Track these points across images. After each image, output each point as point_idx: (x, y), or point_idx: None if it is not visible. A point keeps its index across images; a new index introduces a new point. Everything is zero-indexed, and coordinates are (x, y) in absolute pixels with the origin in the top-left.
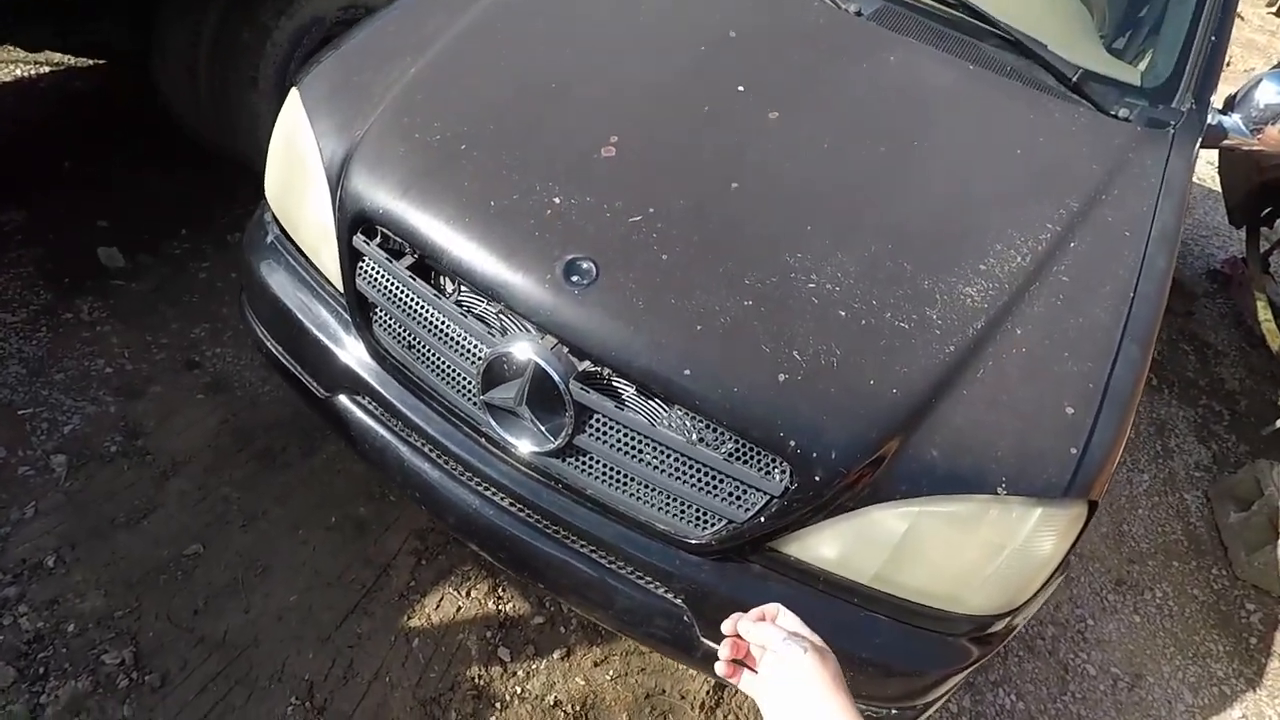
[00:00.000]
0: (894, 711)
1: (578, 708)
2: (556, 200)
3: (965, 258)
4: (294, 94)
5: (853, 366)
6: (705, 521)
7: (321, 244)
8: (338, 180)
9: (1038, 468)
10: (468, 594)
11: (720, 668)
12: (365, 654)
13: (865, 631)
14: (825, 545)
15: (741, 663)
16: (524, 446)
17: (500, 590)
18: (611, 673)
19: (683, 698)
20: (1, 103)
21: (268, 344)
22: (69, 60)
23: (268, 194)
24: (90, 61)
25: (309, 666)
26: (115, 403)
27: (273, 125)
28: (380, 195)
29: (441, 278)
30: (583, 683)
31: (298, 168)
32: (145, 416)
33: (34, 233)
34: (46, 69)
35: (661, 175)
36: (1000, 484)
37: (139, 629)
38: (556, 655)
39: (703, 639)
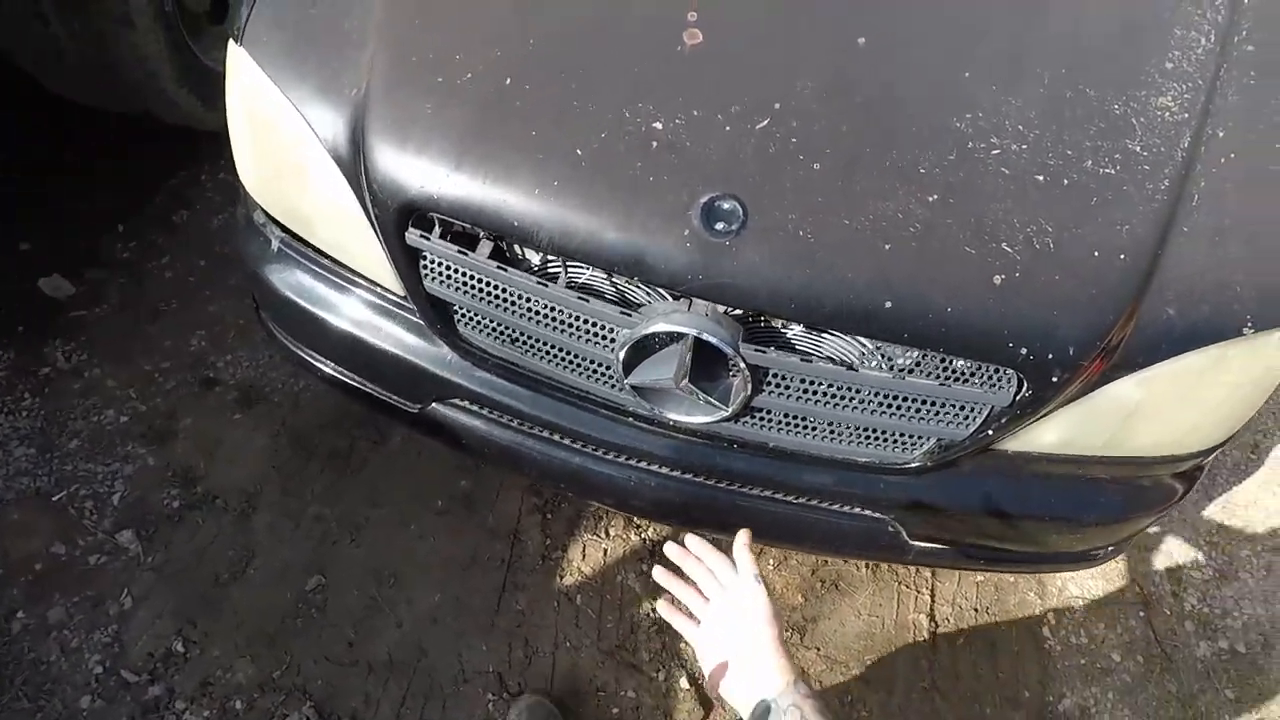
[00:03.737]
0: (1110, 548)
1: None
2: (657, 125)
3: (1149, 59)
4: (238, 54)
5: (1070, 242)
6: (915, 444)
7: (350, 240)
8: (354, 161)
9: None
10: (606, 534)
11: (664, 609)
12: (535, 627)
13: (1088, 498)
14: (1048, 433)
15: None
16: (687, 419)
17: (635, 520)
18: (772, 562)
19: (845, 561)
20: None
21: (323, 368)
22: None
23: (249, 188)
24: None
25: (487, 658)
26: (150, 452)
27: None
28: (426, 177)
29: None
30: None
31: (282, 151)
32: (190, 457)
33: None
34: None
35: (768, 51)
36: (1246, 323)
37: (304, 681)
38: None
39: (912, 541)
